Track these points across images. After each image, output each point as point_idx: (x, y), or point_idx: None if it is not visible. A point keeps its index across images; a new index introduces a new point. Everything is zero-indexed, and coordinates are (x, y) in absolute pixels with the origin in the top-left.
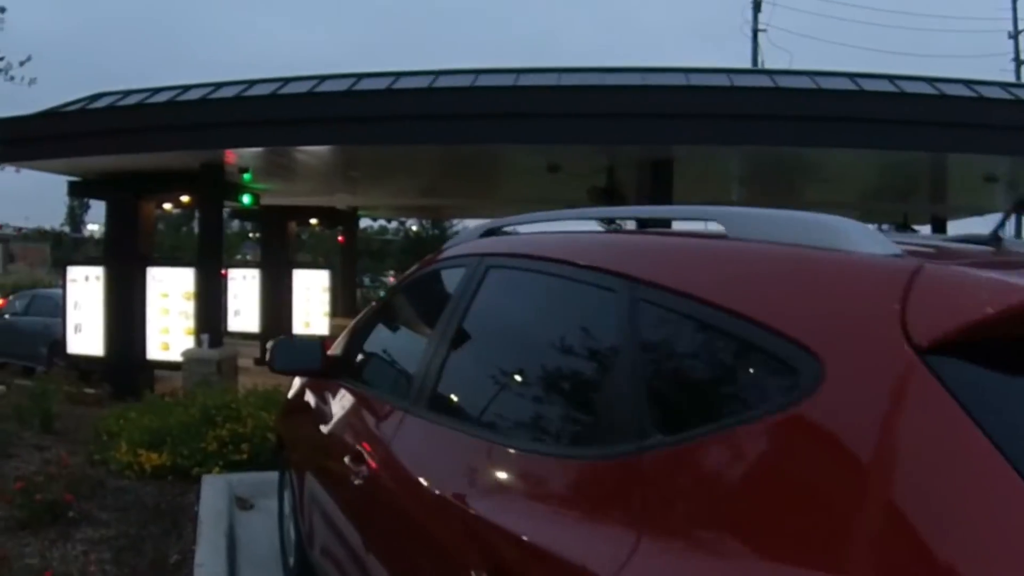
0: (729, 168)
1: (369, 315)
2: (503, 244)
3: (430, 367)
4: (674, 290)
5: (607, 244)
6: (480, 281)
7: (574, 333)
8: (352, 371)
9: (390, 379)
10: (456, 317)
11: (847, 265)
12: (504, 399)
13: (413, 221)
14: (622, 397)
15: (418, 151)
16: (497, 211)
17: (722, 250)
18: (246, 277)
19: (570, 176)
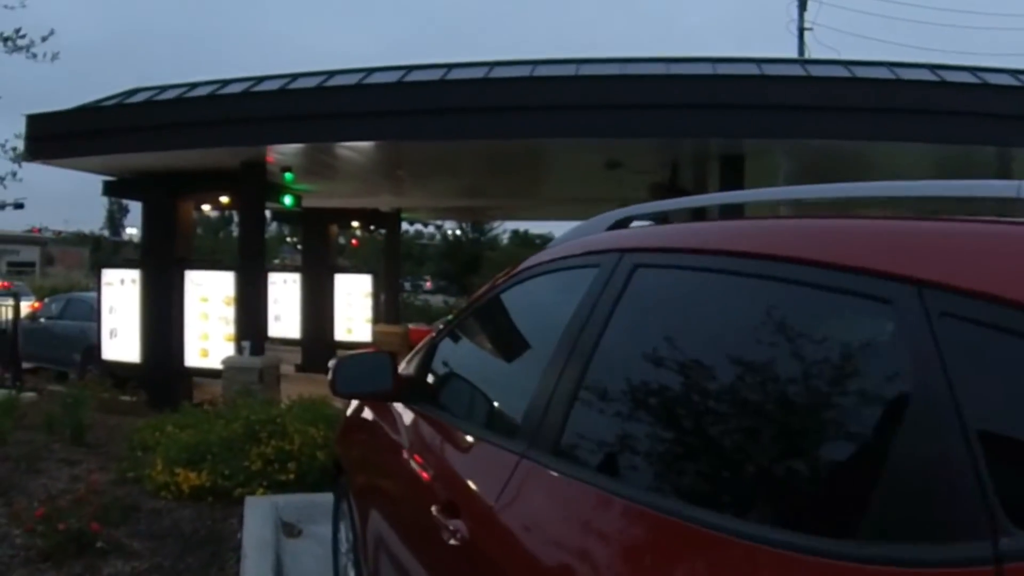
0: (804, 163)
1: (451, 330)
2: (656, 236)
3: (554, 400)
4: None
5: (860, 234)
6: (624, 285)
7: (817, 361)
8: (432, 396)
9: (487, 410)
10: (590, 333)
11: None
12: (699, 455)
13: (452, 224)
14: (930, 464)
15: (469, 147)
16: (542, 213)
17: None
18: (287, 281)
19: (629, 173)
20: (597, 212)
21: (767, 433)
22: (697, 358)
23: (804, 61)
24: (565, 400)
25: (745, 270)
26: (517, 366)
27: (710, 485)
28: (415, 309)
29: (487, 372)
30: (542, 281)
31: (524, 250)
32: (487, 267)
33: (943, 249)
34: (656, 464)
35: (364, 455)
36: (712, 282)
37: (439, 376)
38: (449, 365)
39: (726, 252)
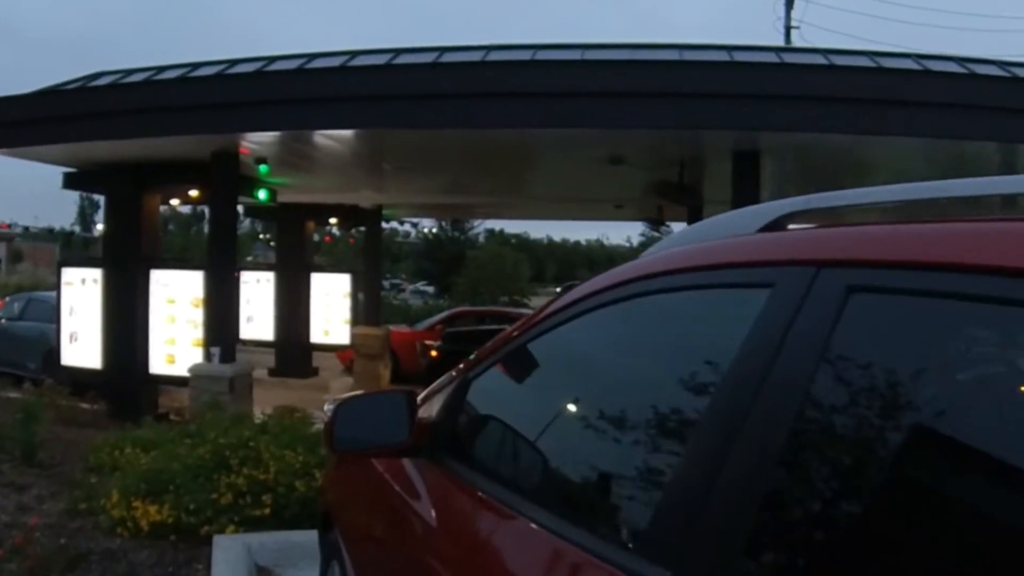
0: (826, 161)
1: (494, 361)
2: (882, 242)
3: (722, 494)
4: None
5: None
6: (835, 317)
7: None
8: (468, 454)
9: (571, 489)
10: (778, 389)
11: None
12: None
13: (430, 223)
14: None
15: (460, 137)
16: (531, 212)
17: None
18: (260, 280)
19: (632, 170)
20: (590, 212)
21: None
22: (994, 442)
23: (826, 51)
24: (744, 495)
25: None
26: (628, 433)
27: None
28: (393, 309)
29: (568, 434)
30: (654, 303)
31: (507, 250)
32: (469, 266)
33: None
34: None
35: (362, 513)
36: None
37: (476, 427)
38: (491, 413)
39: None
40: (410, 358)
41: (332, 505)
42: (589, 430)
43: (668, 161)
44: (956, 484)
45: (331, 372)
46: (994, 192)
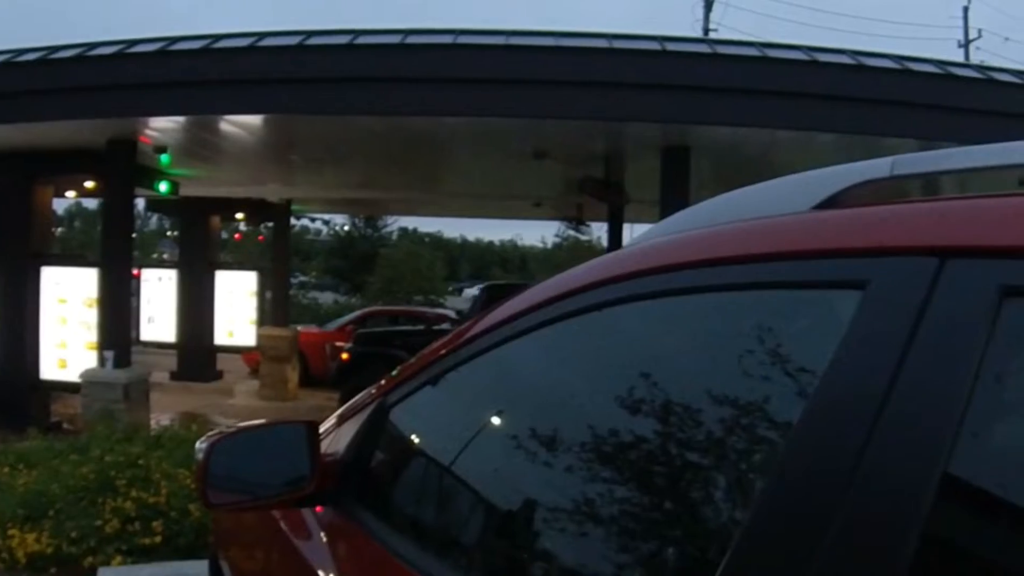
0: (768, 159)
1: (418, 385)
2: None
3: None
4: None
5: None
6: (983, 334)
7: None
8: (385, 503)
9: (518, 556)
10: (893, 457)
11: None
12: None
13: (342, 219)
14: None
15: (376, 127)
16: (445, 209)
17: None
18: (162, 279)
19: (555, 165)
20: (508, 211)
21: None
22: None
23: (761, 44)
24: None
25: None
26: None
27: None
28: (301, 308)
29: (524, 483)
30: (652, 312)
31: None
32: (382, 265)
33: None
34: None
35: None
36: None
37: (401, 469)
38: (425, 452)
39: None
40: (319, 361)
41: (220, 549)
42: (553, 481)
43: (594, 156)
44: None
45: (236, 375)
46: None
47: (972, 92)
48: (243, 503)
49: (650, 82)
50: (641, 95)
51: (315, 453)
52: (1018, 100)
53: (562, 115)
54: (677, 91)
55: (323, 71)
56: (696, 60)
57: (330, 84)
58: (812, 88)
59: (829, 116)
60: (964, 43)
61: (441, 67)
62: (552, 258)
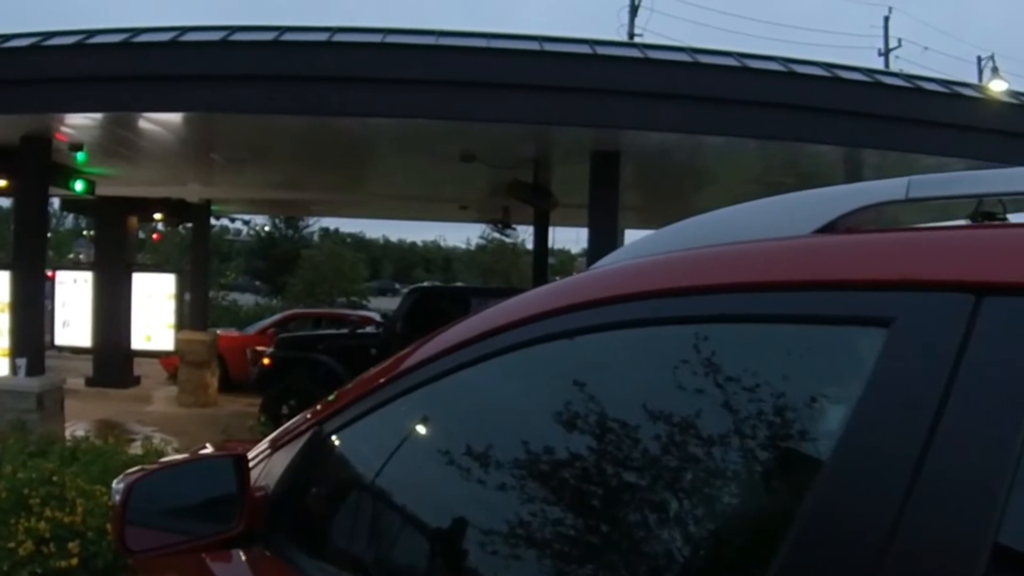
0: (696, 165)
1: (360, 412)
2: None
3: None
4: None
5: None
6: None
7: None
8: (323, 543)
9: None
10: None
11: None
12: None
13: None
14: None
15: (300, 127)
16: (369, 210)
17: None
18: (77, 281)
19: (483, 168)
20: (433, 213)
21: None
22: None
23: (692, 49)
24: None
25: None
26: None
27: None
28: (221, 311)
29: (480, 524)
30: (627, 342)
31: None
32: (304, 266)
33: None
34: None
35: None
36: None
37: (340, 506)
38: (367, 486)
39: None
40: (240, 365)
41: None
42: (507, 517)
43: (522, 159)
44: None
45: (154, 381)
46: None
47: (900, 100)
48: (166, 547)
49: (580, 86)
50: (571, 99)
51: (244, 488)
52: (944, 109)
53: (491, 118)
54: (607, 95)
55: (247, 68)
56: (627, 64)
57: (254, 82)
58: (742, 94)
59: (759, 122)
60: (884, 52)
61: (368, 67)
62: (477, 260)
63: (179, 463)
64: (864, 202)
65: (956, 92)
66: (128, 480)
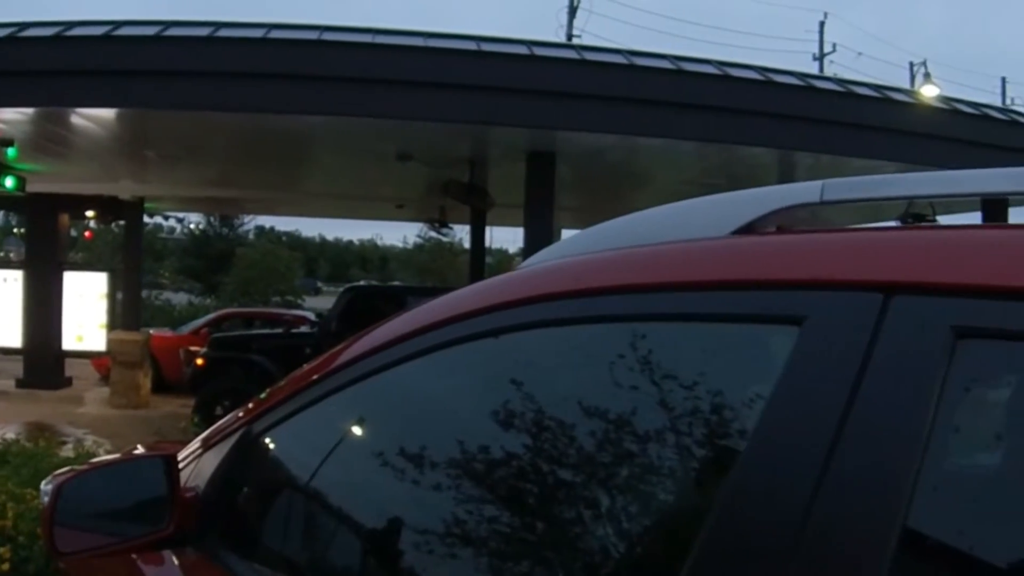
0: (632, 167)
1: (291, 411)
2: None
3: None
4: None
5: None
6: (936, 380)
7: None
8: (255, 543)
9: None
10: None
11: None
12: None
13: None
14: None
15: (235, 124)
16: (305, 209)
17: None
18: (7, 280)
19: (419, 167)
20: (370, 212)
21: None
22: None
23: (627, 51)
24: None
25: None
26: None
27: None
28: (155, 310)
29: (413, 523)
30: (566, 338)
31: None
32: (239, 265)
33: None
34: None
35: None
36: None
37: (272, 506)
38: (300, 486)
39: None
40: (173, 366)
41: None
42: (442, 515)
43: (459, 159)
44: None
45: (86, 382)
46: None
47: (832, 104)
48: (97, 549)
49: (517, 86)
50: (508, 99)
51: (174, 488)
52: (876, 112)
53: (427, 117)
54: (544, 96)
55: (182, 64)
56: (563, 65)
57: (188, 78)
58: (677, 97)
59: (693, 125)
60: (819, 56)
61: (304, 64)
62: (413, 259)
63: (108, 464)
64: (780, 204)
65: (888, 96)
66: (57, 481)
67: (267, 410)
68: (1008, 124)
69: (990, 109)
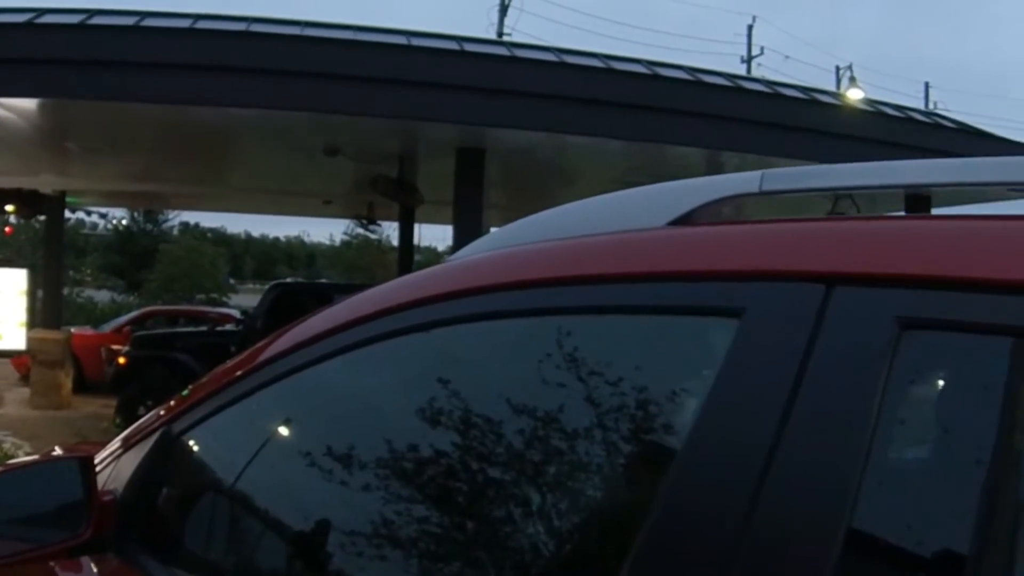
0: (561, 164)
1: (213, 409)
2: (954, 242)
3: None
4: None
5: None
6: (881, 372)
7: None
8: (178, 548)
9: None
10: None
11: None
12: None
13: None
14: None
15: (159, 116)
16: (230, 204)
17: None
18: None
19: (347, 162)
20: (297, 208)
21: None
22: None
23: (559, 50)
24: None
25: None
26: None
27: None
28: (76, 308)
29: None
30: (498, 332)
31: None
32: (163, 261)
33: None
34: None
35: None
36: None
37: (194, 509)
38: (225, 489)
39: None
40: (95, 365)
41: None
42: (370, 513)
43: (388, 154)
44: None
45: (5, 382)
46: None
47: (760, 105)
48: (11, 556)
49: (447, 82)
50: (437, 94)
51: (91, 491)
52: (803, 114)
53: (356, 111)
54: (474, 92)
55: (106, 54)
56: (494, 62)
57: (111, 68)
58: (607, 95)
59: (622, 123)
60: (747, 59)
61: (231, 55)
62: (341, 256)
63: (21, 467)
64: (718, 195)
65: (814, 98)
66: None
67: (188, 408)
68: (931, 127)
69: (914, 112)
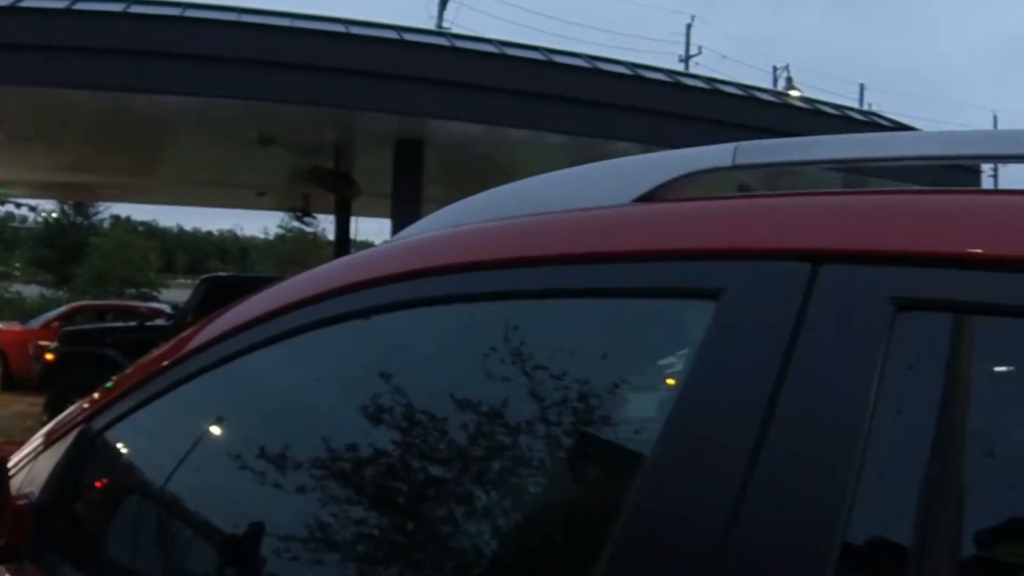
0: (500, 158)
1: (135, 404)
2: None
3: None
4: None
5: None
6: (876, 357)
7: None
8: (98, 556)
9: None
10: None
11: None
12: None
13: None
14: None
15: (89, 104)
16: (162, 196)
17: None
18: None
19: (283, 152)
20: (230, 199)
21: None
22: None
23: (500, 42)
24: None
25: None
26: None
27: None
28: (3, 303)
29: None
30: (447, 316)
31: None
32: (92, 255)
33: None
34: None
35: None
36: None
37: (116, 513)
38: (148, 491)
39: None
40: (22, 361)
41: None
42: (306, 511)
43: (324, 145)
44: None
45: None
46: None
47: (699, 101)
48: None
49: (386, 71)
50: (376, 84)
51: (4, 496)
52: (740, 110)
53: (292, 100)
54: (413, 83)
55: (34, 37)
56: (434, 52)
57: (41, 52)
58: (547, 88)
59: (562, 117)
60: (685, 58)
61: (164, 41)
62: (275, 250)
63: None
64: (688, 169)
65: (753, 96)
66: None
67: (111, 402)
68: (867, 124)
69: (851, 111)
